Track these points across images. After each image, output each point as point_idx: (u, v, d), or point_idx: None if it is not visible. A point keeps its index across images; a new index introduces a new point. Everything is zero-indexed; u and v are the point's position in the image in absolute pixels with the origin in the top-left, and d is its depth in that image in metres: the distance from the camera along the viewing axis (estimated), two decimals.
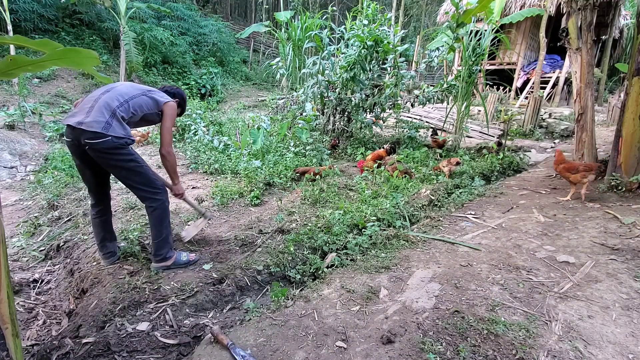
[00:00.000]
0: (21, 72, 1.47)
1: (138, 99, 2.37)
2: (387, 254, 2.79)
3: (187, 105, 2.98)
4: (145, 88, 2.49)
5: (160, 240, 2.50)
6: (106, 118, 2.18)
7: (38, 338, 2.22)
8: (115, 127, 2.20)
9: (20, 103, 7.18)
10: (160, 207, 2.46)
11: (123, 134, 2.23)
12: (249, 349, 1.81)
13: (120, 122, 2.24)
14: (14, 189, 4.77)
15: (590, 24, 4.32)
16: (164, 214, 2.50)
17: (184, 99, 2.80)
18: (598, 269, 2.43)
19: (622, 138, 3.98)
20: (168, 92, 2.67)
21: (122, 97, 2.31)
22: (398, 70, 6.37)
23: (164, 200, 2.48)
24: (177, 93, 2.74)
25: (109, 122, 2.18)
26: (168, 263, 2.57)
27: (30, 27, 10.38)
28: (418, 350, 1.75)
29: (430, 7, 22.91)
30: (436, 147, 6.28)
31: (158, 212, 2.46)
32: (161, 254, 2.53)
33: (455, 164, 4.75)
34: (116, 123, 2.21)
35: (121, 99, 2.29)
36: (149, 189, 2.41)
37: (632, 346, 1.74)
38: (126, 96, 2.33)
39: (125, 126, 2.27)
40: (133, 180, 2.38)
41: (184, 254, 2.67)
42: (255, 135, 5.64)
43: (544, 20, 10.72)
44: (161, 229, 2.50)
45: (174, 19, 14.85)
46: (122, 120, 2.26)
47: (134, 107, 2.34)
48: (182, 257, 2.64)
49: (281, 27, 8.40)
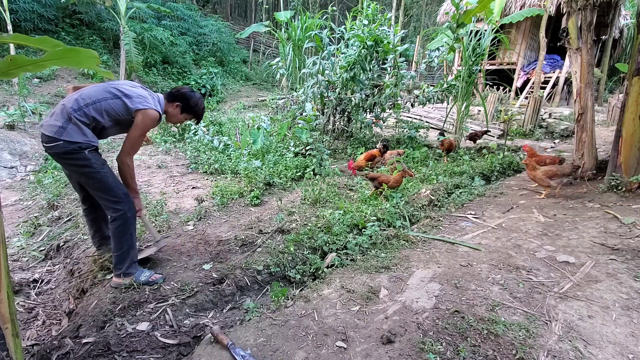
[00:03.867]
0: (21, 72, 1.47)
1: (104, 103, 2.19)
2: (387, 254, 2.79)
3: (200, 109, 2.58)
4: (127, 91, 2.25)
5: (120, 253, 2.34)
6: (61, 122, 2.10)
7: (38, 338, 2.22)
8: (70, 132, 2.10)
9: (20, 103, 7.18)
10: (121, 218, 2.29)
11: (78, 139, 2.11)
12: (249, 349, 1.81)
13: (77, 126, 2.12)
14: (14, 189, 4.77)
15: (590, 24, 4.32)
16: (125, 225, 2.31)
17: (187, 102, 2.48)
18: (598, 269, 2.42)
19: (622, 138, 3.98)
20: (171, 95, 2.47)
21: (83, 100, 2.16)
22: (398, 70, 6.37)
23: (125, 210, 2.29)
24: (180, 95, 2.47)
25: (63, 127, 2.09)
26: (126, 281, 2.37)
27: (30, 27, 10.38)
28: (418, 350, 1.75)
29: (430, 7, 22.92)
30: (443, 150, 5.83)
31: (118, 223, 2.30)
32: (120, 269, 2.35)
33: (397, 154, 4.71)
34: (72, 127, 2.11)
35: (81, 102, 2.15)
36: (107, 197, 2.27)
37: (632, 346, 1.74)
38: (88, 100, 2.17)
39: (84, 131, 2.13)
40: (90, 187, 2.29)
41: (146, 273, 2.45)
42: (255, 135, 5.64)
43: (544, 20, 10.72)
44: (121, 241, 2.33)
45: (174, 19, 14.86)
46: (81, 125, 2.13)
47: (97, 111, 2.17)
48: (142, 277, 2.40)
49: (281, 27, 8.39)
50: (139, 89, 2.34)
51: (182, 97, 2.47)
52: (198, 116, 2.61)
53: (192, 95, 2.51)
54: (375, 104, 6.51)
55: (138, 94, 2.28)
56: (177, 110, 2.49)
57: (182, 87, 2.55)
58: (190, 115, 2.55)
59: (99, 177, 2.22)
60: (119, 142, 6.93)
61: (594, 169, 4.49)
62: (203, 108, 2.62)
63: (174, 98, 2.47)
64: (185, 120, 2.59)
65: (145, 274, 2.44)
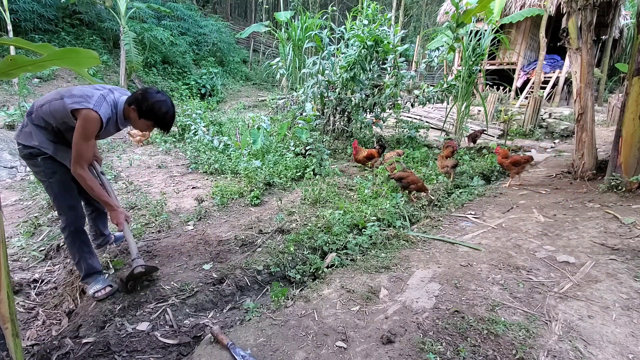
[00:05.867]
0: (21, 72, 1.47)
1: (49, 105, 2.04)
2: (387, 254, 2.79)
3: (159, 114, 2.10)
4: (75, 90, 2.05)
5: (75, 263, 2.36)
6: (21, 126, 2.11)
7: (38, 338, 2.22)
8: (25, 135, 2.07)
9: (20, 103, 7.17)
10: (65, 231, 2.26)
11: (30, 144, 2.06)
12: (249, 349, 1.81)
13: (32, 130, 2.07)
14: (14, 189, 4.77)
15: (590, 24, 4.32)
16: (70, 238, 2.27)
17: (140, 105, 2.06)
18: (598, 269, 2.42)
19: (622, 138, 3.98)
20: (132, 96, 2.13)
21: (37, 103, 2.08)
22: (398, 70, 6.37)
23: (66, 225, 2.23)
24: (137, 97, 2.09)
25: (20, 130, 2.09)
26: (87, 289, 2.34)
27: (30, 27, 10.38)
28: (418, 350, 1.75)
29: (430, 7, 22.93)
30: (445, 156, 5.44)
31: (64, 235, 2.28)
32: (81, 276, 2.36)
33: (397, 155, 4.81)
34: (27, 131, 2.07)
35: (35, 105, 2.09)
36: (55, 205, 2.25)
37: (632, 346, 1.74)
38: (40, 102, 2.08)
39: (37, 135, 2.05)
40: (46, 192, 2.28)
41: (98, 285, 2.31)
42: (255, 135, 5.63)
43: (544, 20, 10.72)
44: (72, 252, 2.33)
45: (174, 19, 14.86)
46: (35, 128, 2.06)
47: (45, 114, 2.05)
48: (91, 290, 2.30)
49: (281, 27, 8.39)
50: (93, 90, 2.08)
51: (138, 99, 2.08)
52: (160, 123, 2.13)
53: (150, 96, 2.06)
54: (375, 104, 6.51)
55: (82, 94, 2.02)
56: (134, 115, 2.11)
57: (149, 87, 2.15)
58: (149, 121, 2.11)
59: (46, 186, 2.20)
60: (118, 142, 6.94)
61: (594, 169, 4.50)
62: (165, 113, 2.11)
63: (131, 101, 2.10)
64: (147, 128, 2.17)
65: (96, 286, 2.29)
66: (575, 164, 4.66)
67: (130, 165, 5.52)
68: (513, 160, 4.41)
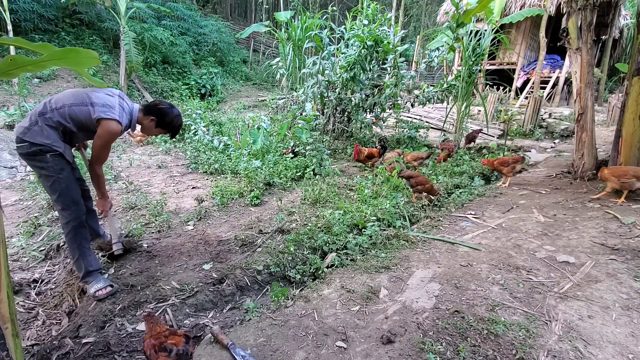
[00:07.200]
0: (21, 72, 1.47)
1: (68, 109, 2.20)
2: (387, 254, 2.79)
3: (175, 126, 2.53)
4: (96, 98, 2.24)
5: (75, 261, 2.37)
6: (27, 124, 2.15)
7: (38, 338, 2.21)
8: (34, 134, 2.13)
9: (20, 103, 7.18)
10: (67, 226, 2.30)
11: (41, 141, 2.14)
12: (249, 349, 1.81)
13: (42, 129, 2.14)
14: (14, 189, 4.77)
15: (590, 24, 4.32)
16: (72, 234, 2.32)
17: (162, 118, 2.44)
18: (598, 269, 2.43)
19: (622, 138, 3.98)
20: (148, 107, 2.44)
21: (50, 105, 2.20)
22: (398, 70, 6.37)
23: (70, 220, 2.30)
24: (157, 110, 2.43)
25: (28, 128, 2.14)
26: (88, 288, 2.36)
27: (30, 27, 10.37)
28: (418, 350, 1.75)
29: (430, 7, 22.92)
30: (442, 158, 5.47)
31: (66, 231, 2.32)
32: (81, 275, 2.37)
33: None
34: (36, 129, 2.14)
35: (48, 107, 2.19)
36: (57, 202, 2.29)
37: (632, 346, 1.74)
38: (54, 105, 2.20)
39: (49, 133, 2.16)
40: (46, 189, 2.32)
41: (99, 285, 2.34)
42: (255, 135, 5.63)
43: (544, 20, 10.72)
44: (72, 249, 2.35)
45: (174, 19, 14.85)
46: (46, 128, 2.15)
47: (61, 116, 2.19)
48: (92, 289, 2.33)
49: (281, 27, 8.39)
50: (110, 97, 2.31)
51: (159, 113, 2.44)
52: (173, 132, 2.57)
53: (169, 111, 2.46)
54: (375, 104, 6.51)
55: (104, 102, 2.24)
56: (151, 124, 2.45)
57: (162, 101, 2.52)
58: (164, 130, 2.52)
59: (52, 182, 2.24)
60: (118, 142, 6.93)
61: (594, 169, 4.49)
62: (179, 125, 2.56)
63: (150, 111, 2.43)
64: (159, 134, 2.58)
65: (97, 285, 2.33)
66: (575, 164, 4.66)
67: (130, 165, 5.52)
68: (501, 161, 4.49)
